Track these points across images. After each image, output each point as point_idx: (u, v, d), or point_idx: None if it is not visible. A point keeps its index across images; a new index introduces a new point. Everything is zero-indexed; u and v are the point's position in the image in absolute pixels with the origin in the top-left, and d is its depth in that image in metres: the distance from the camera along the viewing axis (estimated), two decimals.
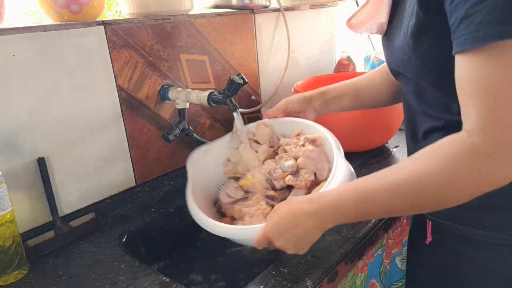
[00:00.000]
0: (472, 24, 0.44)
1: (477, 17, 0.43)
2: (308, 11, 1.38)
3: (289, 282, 0.63)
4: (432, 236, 0.70)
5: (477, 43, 0.44)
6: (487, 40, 0.43)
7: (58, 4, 0.81)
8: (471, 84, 0.46)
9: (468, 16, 0.44)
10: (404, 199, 0.50)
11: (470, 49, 0.45)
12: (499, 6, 0.42)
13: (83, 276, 0.70)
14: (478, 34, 0.44)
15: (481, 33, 0.43)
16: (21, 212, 0.77)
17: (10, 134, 0.75)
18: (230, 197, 0.80)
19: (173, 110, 1.01)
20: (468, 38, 0.45)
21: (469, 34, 0.44)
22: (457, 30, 0.46)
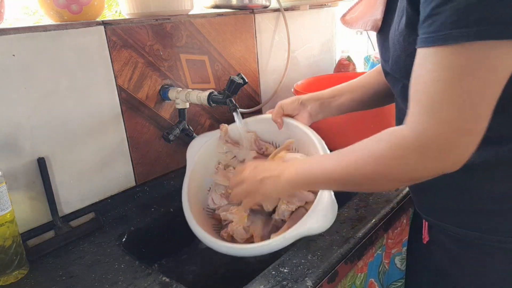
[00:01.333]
0: (434, 24, 0.45)
1: (440, 18, 0.44)
2: (308, 11, 1.38)
3: (289, 282, 0.63)
4: (429, 236, 0.70)
5: (432, 43, 0.45)
6: (443, 41, 0.44)
7: (58, 4, 0.81)
8: (418, 79, 0.48)
9: (432, 15, 0.45)
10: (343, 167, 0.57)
11: (426, 48, 0.46)
12: (461, 9, 0.42)
13: (83, 276, 0.70)
14: (437, 35, 0.45)
15: (440, 34, 0.44)
16: (21, 212, 0.77)
17: (10, 134, 0.75)
18: (214, 203, 0.86)
19: (173, 110, 1.01)
20: (429, 37, 0.46)
21: (431, 33, 0.45)
22: (422, 27, 0.47)
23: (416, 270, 0.80)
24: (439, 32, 0.44)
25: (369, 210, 0.80)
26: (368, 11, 0.67)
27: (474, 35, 0.42)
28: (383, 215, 0.79)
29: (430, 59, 0.46)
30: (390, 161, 0.51)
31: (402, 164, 0.51)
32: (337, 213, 0.76)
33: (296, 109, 0.85)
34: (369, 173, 0.54)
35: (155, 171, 1.00)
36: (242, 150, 0.88)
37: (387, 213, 0.80)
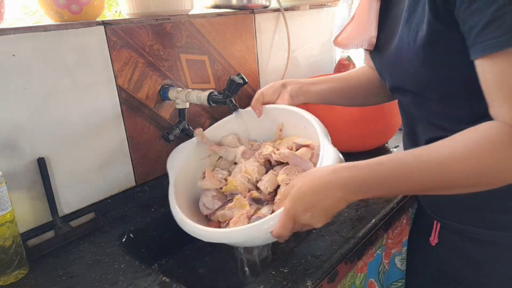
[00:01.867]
0: (502, 26, 0.44)
1: (507, 19, 0.44)
2: (308, 11, 1.38)
3: (289, 282, 0.63)
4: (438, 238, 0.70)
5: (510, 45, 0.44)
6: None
7: (58, 4, 0.81)
8: (503, 84, 0.47)
9: (496, 19, 0.44)
10: (444, 177, 0.50)
11: (499, 52, 0.46)
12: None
13: (83, 276, 0.70)
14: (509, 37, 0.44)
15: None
16: (21, 212, 0.77)
17: (10, 134, 0.75)
18: (208, 208, 0.76)
19: (173, 110, 1.01)
20: (498, 41, 0.45)
21: (499, 37, 0.45)
22: (481, 35, 0.46)
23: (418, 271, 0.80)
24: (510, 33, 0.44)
25: (369, 210, 0.80)
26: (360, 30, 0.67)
27: None
28: (383, 215, 0.79)
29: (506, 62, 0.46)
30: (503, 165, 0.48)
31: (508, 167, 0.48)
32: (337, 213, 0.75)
33: (276, 91, 0.83)
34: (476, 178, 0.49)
35: (155, 171, 1.00)
36: (228, 150, 0.83)
37: (387, 213, 0.80)
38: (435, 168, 0.50)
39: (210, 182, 0.78)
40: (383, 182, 0.53)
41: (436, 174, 0.50)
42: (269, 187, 0.71)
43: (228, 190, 0.77)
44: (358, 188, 0.54)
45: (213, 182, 0.78)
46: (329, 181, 0.55)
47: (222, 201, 0.77)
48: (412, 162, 0.52)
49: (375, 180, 0.54)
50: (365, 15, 0.65)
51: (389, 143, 1.14)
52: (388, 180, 0.53)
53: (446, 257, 0.69)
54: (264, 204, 0.71)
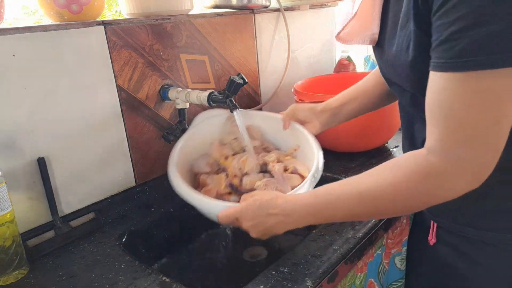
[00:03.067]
0: (453, 49, 0.45)
1: (458, 44, 0.44)
2: (308, 11, 1.38)
3: (289, 282, 0.63)
4: (436, 238, 0.70)
5: (455, 69, 0.46)
6: (465, 69, 0.45)
7: (58, 4, 0.81)
8: (439, 104, 0.49)
9: (450, 40, 0.45)
10: (365, 206, 0.56)
11: (444, 73, 0.47)
12: (482, 37, 0.43)
13: (83, 276, 0.70)
14: (455, 61, 0.45)
15: (460, 61, 0.45)
16: (21, 212, 0.77)
17: (10, 134, 0.75)
18: (198, 168, 0.87)
19: (173, 110, 1.01)
20: (447, 62, 0.46)
21: (449, 58, 0.46)
22: (437, 50, 0.47)
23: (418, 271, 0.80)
24: (460, 58, 0.45)
25: None
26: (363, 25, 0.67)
27: (500, 62, 0.43)
28: None
29: (453, 85, 0.47)
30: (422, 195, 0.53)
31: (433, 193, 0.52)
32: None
33: (308, 117, 0.86)
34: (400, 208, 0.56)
35: (155, 171, 1.00)
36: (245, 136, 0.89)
37: None
38: (357, 197, 0.56)
39: (214, 151, 0.88)
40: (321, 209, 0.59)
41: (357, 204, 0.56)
42: (248, 185, 0.79)
43: (222, 164, 0.86)
44: (300, 218, 0.61)
45: (216, 153, 0.88)
46: (280, 206, 0.62)
47: (212, 169, 0.86)
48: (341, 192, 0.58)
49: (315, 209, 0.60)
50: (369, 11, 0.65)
51: (389, 143, 1.14)
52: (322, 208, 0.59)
53: (444, 257, 0.69)
54: (236, 193, 0.80)
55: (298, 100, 1.14)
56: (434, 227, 0.70)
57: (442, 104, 0.49)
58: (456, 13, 0.44)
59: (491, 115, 0.46)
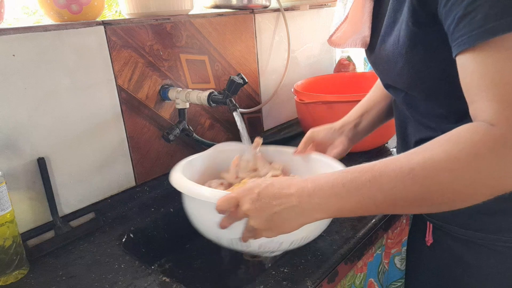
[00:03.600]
0: (474, 20, 0.43)
1: (479, 13, 0.42)
2: (308, 11, 1.38)
3: (289, 282, 0.63)
4: (432, 237, 0.70)
5: (483, 38, 0.43)
6: (495, 34, 0.42)
7: (58, 4, 0.81)
8: (484, 79, 0.43)
9: (468, 13, 0.43)
10: (414, 186, 0.44)
11: (475, 46, 0.44)
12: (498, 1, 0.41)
13: (83, 276, 0.70)
14: (483, 30, 0.42)
15: (486, 28, 0.42)
16: (21, 212, 0.77)
17: (10, 134, 0.75)
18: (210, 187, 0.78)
19: (173, 110, 1.01)
20: (472, 35, 0.43)
21: (473, 31, 0.43)
22: (457, 30, 0.45)
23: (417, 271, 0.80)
24: (485, 26, 0.42)
25: None
26: (354, 29, 0.67)
27: None
28: (383, 215, 0.79)
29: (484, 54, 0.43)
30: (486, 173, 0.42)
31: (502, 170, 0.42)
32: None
33: (328, 137, 0.80)
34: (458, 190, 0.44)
35: (155, 171, 1.00)
36: (266, 166, 0.83)
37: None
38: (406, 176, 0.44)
39: (229, 175, 0.83)
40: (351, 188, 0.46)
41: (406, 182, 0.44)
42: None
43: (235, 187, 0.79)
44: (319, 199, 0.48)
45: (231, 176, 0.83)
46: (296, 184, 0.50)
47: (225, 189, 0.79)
48: (386, 169, 0.46)
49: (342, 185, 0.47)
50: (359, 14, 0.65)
51: (389, 143, 1.15)
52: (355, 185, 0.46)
53: (441, 258, 0.69)
54: None
55: (298, 100, 1.14)
56: (430, 227, 0.70)
57: (485, 77, 0.43)
58: None
59: None
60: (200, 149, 1.09)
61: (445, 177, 0.43)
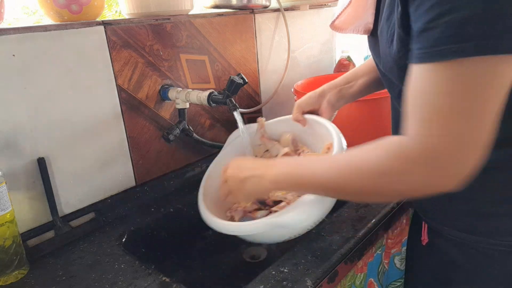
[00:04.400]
0: (429, 38, 0.44)
1: (435, 32, 0.43)
2: (308, 11, 1.38)
3: (289, 282, 0.63)
4: (428, 237, 0.70)
5: (431, 59, 0.44)
6: (440, 57, 0.43)
7: (58, 4, 0.81)
8: (415, 93, 0.47)
9: (427, 29, 0.44)
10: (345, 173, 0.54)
11: (423, 64, 0.46)
12: (456, 23, 0.42)
13: (83, 276, 0.70)
14: (433, 50, 0.44)
15: (436, 50, 0.44)
16: (21, 212, 0.77)
17: (10, 134, 0.75)
18: None
19: (173, 110, 1.01)
20: (425, 53, 0.45)
21: (426, 48, 0.45)
22: (415, 42, 0.46)
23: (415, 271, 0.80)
24: (435, 47, 0.44)
25: (369, 210, 0.80)
26: (358, 14, 0.67)
27: (472, 50, 0.42)
28: (383, 215, 0.79)
29: (429, 74, 0.45)
30: (392, 176, 0.49)
31: (405, 179, 0.48)
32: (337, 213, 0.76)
33: (315, 102, 0.84)
34: (368, 186, 0.51)
35: (155, 171, 1.00)
36: (275, 145, 0.87)
37: (387, 213, 0.80)
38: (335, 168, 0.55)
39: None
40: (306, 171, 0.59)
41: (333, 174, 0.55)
42: (275, 196, 0.77)
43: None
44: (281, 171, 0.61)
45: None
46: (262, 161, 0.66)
47: None
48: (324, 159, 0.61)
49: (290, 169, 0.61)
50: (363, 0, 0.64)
51: None
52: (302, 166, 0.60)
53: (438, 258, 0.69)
54: (266, 208, 0.77)
55: None
56: (425, 227, 0.70)
57: (419, 95, 0.47)
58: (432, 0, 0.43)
59: (468, 104, 0.44)
60: (200, 149, 1.09)
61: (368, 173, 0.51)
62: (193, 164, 1.07)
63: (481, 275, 0.62)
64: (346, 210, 0.81)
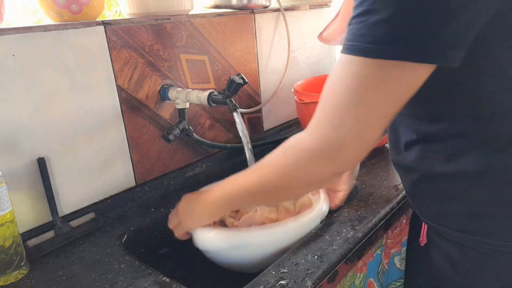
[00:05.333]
0: (349, 33, 0.48)
1: (353, 29, 0.47)
2: (308, 11, 1.38)
3: (289, 282, 0.63)
4: (428, 238, 0.70)
5: (344, 51, 0.48)
6: (349, 51, 0.47)
7: (58, 4, 0.81)
8: (327, 84, 0.52)
9: (349, 25, 0.48)
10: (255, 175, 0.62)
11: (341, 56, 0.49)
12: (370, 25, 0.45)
13: (83, 276, 0.70)
14: (347, 44, 0.48)
15: (349, 45, 0.47)
16: (21, 212, 0.77)
17: (10, 134, 0.75)
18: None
19: (173, 110, 1.01)
20: (344, 45, 0.48)
21: (346, 41, 0.48)
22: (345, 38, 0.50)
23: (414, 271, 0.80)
24: (349, 42, 0.47)
25: (369, 210, 0.80)
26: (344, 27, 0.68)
27: (374, 52, 0.44)
28: (383, 215, 0.79)
29: (340, 66, 0.49)
30: (296, 173, 0.55)
31: (309, 170, 0.54)
32: (337, 213, 0.77)
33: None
34: (280, 185, 0.58)
35: (155, 171, 1.00)
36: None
37: (387, 213, 0.80)
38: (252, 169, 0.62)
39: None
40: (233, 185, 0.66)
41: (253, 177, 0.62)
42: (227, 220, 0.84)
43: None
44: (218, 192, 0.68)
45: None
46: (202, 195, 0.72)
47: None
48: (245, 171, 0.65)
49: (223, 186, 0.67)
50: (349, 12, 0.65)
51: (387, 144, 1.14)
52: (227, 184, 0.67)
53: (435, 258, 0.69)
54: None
55: (298, 100, 1.14)
56: (425, 228, 0.70)
57: (328, 85, 0.51)
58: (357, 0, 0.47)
59: (349, 97, 0.47)
60: (200, 149, 1.09)
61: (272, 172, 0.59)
62: (193, 164, 1.07)
63: (481, 275, 0.63)
64: (346, 210, 0.81)
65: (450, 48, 0.44)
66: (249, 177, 0.63)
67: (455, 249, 0.64)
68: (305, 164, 0.54)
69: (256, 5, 1.16)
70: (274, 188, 0.60)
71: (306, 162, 0.54)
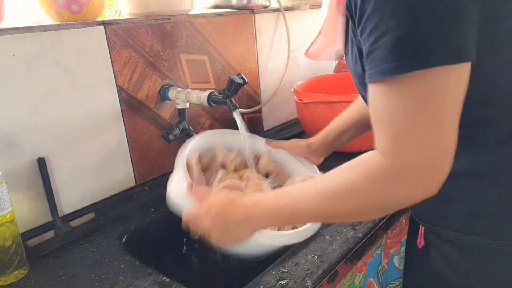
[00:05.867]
0: (374, 60, 0.47)
1: (377, 54, 0.47)
2: (308, 11, 1.38)
3: (289, 282, 0.63)
4: (424, 239, 0.70)
5: (375, 78, 0.48)
6: (382, 76, 0.47)
7: (58, 4, 0.81)
8: (376, 112, 0.50)
9: (371, 52, 0.47)
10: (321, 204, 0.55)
11: (375, 82, 0.49)
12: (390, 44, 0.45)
13: (83, 276, 0.70)
14: (377, 70, 0.47)
15: (379, 70, 0.47)
16: (21, 212, 0.77)
17: (10, 134, 0.75)
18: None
19: (173, 110, 1.01)
20: (372, 73, 0.48)
21: (373, 69, 0.48)
22: (366, 63, 0.50)
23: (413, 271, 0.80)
24: (378, 67, 0.47)
25: None
26: (329, 42, 0.69)
27: (406, 67, 0.44)
28: (383, 215, 0.79)
29: (380, 93, 0.48)
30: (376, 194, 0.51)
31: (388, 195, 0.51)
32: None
33: (305, 153, 0.87)
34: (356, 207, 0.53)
35: (155, 171, 1.00)
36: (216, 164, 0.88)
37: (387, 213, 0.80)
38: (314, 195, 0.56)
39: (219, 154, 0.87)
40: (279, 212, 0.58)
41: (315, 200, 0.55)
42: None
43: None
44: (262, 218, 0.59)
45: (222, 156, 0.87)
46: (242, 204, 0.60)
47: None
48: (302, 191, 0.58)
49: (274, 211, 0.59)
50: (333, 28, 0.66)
51: None
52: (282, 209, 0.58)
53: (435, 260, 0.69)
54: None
55: (298, 100, 1.14)
56: (422, 230, 0.70)
57: (377, 113, 0.50)
58: (371, 24, 0.46)
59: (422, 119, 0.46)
60: None
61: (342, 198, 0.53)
62: None
63: (479, 275, 0.63)
64: None
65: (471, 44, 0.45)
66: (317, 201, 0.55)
67: (452, 249, 0.65)
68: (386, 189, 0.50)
69: (256, 5, 1.16)
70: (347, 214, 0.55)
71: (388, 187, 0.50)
